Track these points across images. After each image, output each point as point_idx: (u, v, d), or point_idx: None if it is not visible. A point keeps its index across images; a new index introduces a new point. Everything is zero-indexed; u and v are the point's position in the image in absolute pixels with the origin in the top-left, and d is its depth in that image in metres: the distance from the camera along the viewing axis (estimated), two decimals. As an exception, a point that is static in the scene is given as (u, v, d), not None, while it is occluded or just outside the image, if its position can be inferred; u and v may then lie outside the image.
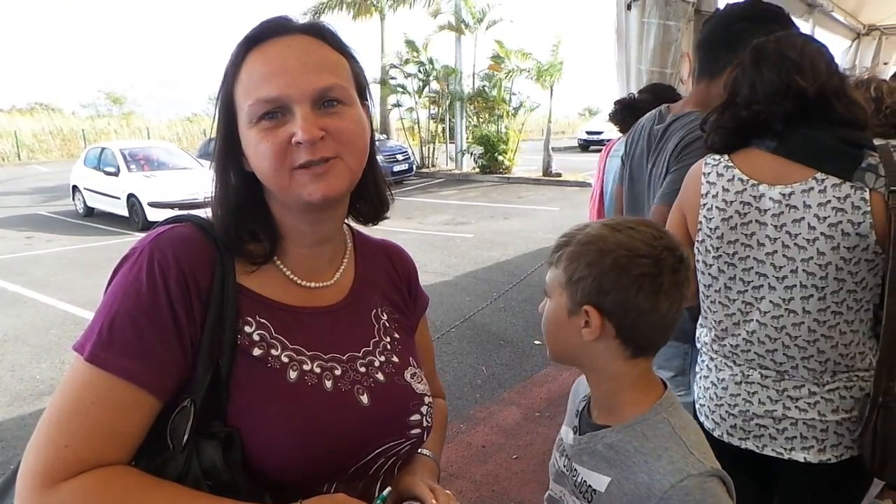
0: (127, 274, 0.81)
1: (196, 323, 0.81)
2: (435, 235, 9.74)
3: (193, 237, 0.86)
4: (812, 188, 1.36)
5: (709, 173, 1.50)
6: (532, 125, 24.59)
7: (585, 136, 25.65)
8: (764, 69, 1.41)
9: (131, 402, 0.77)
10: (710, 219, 1.49)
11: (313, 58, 0.84)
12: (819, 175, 1.36)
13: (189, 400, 0.79)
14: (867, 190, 1.32)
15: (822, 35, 6.55)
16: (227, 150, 0.86)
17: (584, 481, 1.04)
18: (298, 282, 0.93)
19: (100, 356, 0.76)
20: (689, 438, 0.98)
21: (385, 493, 0.79)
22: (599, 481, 1.01)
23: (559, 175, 16.24)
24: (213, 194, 0.89)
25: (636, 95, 3.04)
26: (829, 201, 1.34)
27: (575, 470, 1.07)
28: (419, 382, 0.98)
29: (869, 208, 1.31)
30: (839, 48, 7.14)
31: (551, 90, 16.82)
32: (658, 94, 2.84)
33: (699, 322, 1.65)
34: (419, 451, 1.01)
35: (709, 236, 1.50)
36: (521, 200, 13.38)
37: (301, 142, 0.79)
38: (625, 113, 2.92)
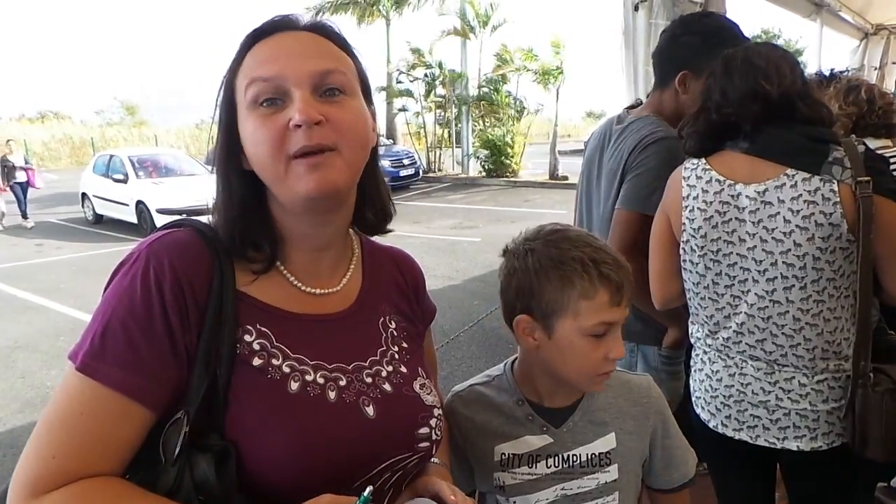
0: (121, 280, 0.78)
1: (192, 331, 0.78)
2: (442, 240, 9.73)
3: (191, 242, 0.83)
4: (784, 184, 1.43)
5: (688, 177, 1.58)
6: (538, 129, 24.57)
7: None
8: (733, 76, 1.51)
9: (122, 413, 0.74)
10: (693, 219, 1.56)
11: (315, 48, 0.83)
12: (790, 171, 1.43)
13: (182, 412, 0.76)
14: (835, 182, 1.38)
15: (830, 35, 6.51)
16: (228, 145, 0.84)
17: (593, 455, 1.12)
18: (302, 288, 0.89)
19: (90, 365, 0.74)
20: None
21: (366, 492, 0.76)
22: (607, 441, 1.13)
23: (566, 178, 16.20)
24: (216, 198, 0.86)
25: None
26: (801, 195, 1.41)
27: (573, 456, 1.12)
28: (428, 394, 0.94)
29: (839, 199, 1.38)
30: (847, 48, 7.09)
31: (557, 93, 16.82)
32: None
33: (690, 319, 1.72)
34: (431, 460, 0.97)
35: (693, 236, 1.57)
36: (528, 204, 13.35)
37: (299, 123, 0.77)
38: None
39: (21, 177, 12.81)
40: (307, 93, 0.79)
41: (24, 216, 12.74)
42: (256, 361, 0.81)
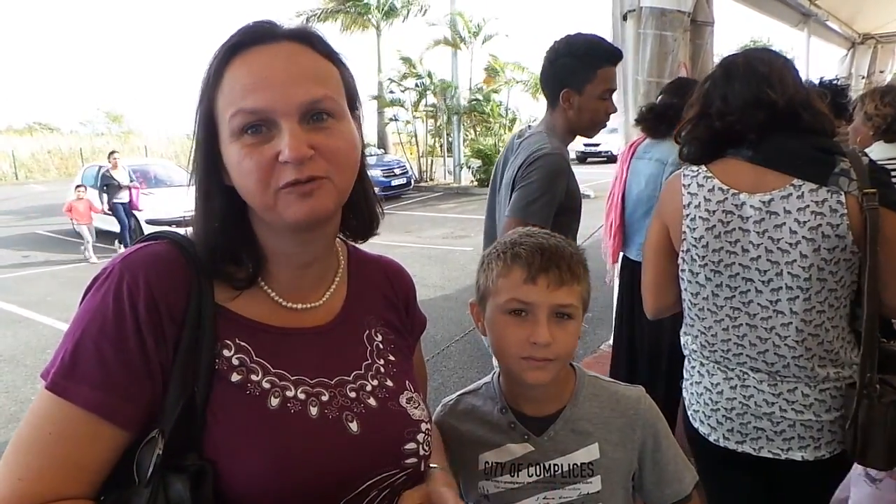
0: (94, 296, 0.76)
1: (167, 348, 0.76)
2: (434, 249, 9.70)
3: (168, 256, 0.80)
4: (790, 194, 1.41)
5: (689, 185, 1.54)
6: (529, 138, 24.63)
7: (583, 149, 25.74)
8: (735, 82, 1.48)
9: (92, 433, 0.72)
10: (695, 229, 1.52)
11: (301, 68, 0.78)
12: (796, 181, 1.41)
13: (157, 431, 0.74)
14: (842, 193, 1.37)
15: (818, 44, 6.57)
16: (208, 164, 0.81)
17: (575, 465, 1.10)
18: (284, 304, 0.87)
19: (60, 384, 0.72)
20: (607, 377, 1.23)
21: None
22: (590, 452, 1.11)
23: (557, 187, 16.21)
24: (195, 212, 0.83)
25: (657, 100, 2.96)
26: (808, 206, 1.39)
27: (554, 466, 1.10)
28: (416, 408, 0.91)
29: (846, 211, 1.37)
30: (835, 57, 7.16)
31: (548, 103, 16.89)
32: (675, 91, 2.75)
33: (683, 330, 1.69)
34: (432, 466, 0.94)
35: (694, 246, 1.53)
36: (520, 213, 13.35)
37: (288, 160, 0.74)
38: (653, 118, 2.83)
39: (124, 197, 10.53)
40: (295, 124, 0.75)
41: (125, 243, 10.06)
42: (235, 377, 0.79)
